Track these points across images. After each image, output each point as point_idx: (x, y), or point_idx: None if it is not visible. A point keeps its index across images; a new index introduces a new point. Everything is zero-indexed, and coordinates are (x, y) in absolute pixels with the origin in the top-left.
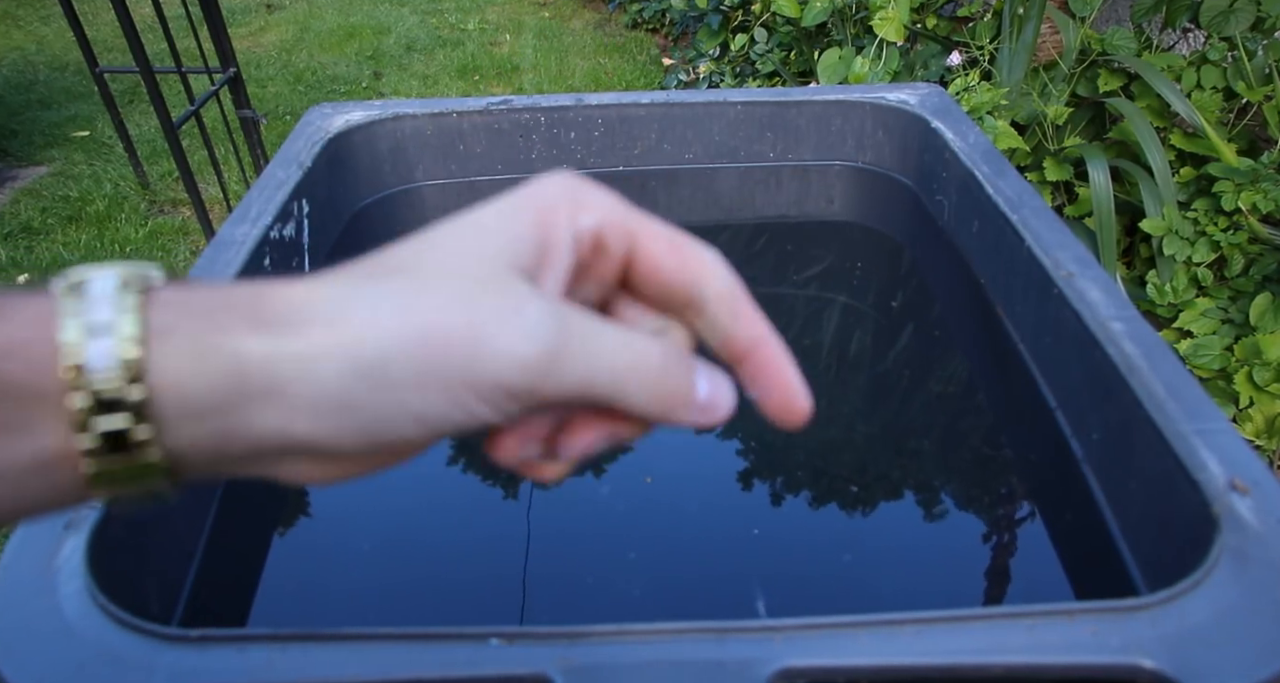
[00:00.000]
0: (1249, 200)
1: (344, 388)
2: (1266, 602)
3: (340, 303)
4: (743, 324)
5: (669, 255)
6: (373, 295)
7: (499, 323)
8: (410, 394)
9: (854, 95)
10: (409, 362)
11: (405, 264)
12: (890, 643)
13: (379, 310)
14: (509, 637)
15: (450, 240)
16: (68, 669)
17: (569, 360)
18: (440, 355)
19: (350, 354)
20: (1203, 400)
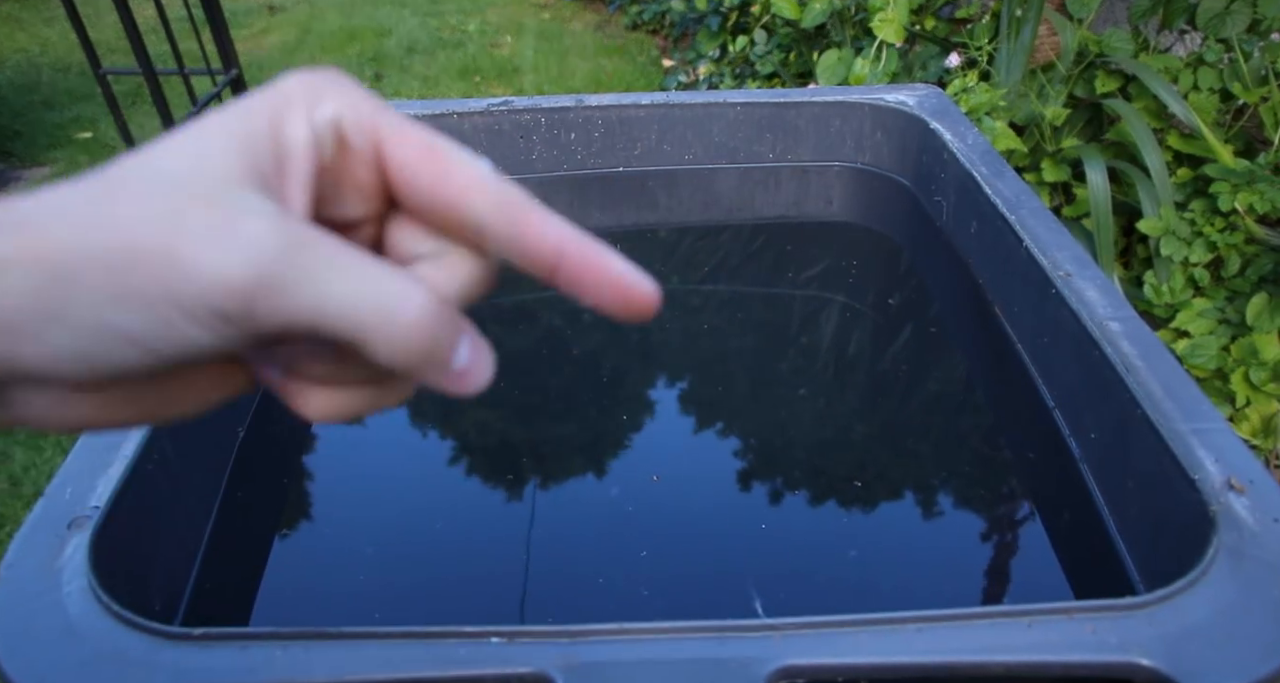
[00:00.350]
0: (1245, 201)
1: (39, 297)
2: (1263, 600)
3: (26, 210)
4: (533, 234)
5: (424, 163)
6: (72, 202)
7: (205, 241)
8: (110, 308)
9: (853, 96)
10: (102, 273)
11: (122, 173)
12: (890, 642)
13: (71, 217)
14: (509, 635)
15: (175, 146)
16: (71, 667)
17: (290, 285)
18: (134, 271)
19: (38, 259)
20: (1199, 400)
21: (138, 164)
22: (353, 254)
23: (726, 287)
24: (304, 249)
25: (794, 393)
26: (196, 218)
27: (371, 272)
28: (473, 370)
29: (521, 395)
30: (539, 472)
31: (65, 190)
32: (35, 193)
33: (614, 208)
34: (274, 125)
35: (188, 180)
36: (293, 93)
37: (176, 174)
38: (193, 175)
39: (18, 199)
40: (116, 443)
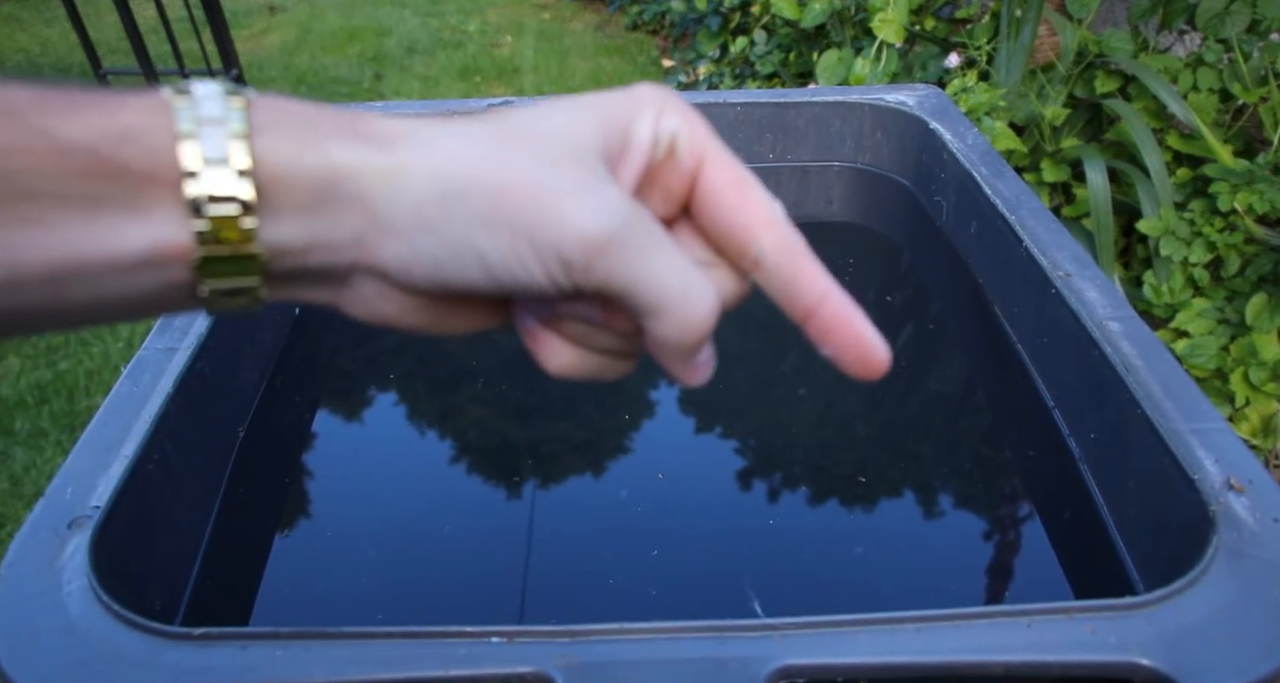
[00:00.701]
0: (1245, 201)
1: (423, 208)
2: (1262, 600)
3: (433, 134)
4: (803, 282)
5: (730, 190)
6: (466, 135)
7: (575, 194)
8: (480, 230)
9: (853, 96)
10: (485, 198)
11: (502, 124)
12: (889, 641)
13: (470, 147)
14: (509, 635)
15: (548, 113)
16: (71, 667)
17: (627, 252)
18: (514, 203)
19: (435, 176)
20: (1199, 400)
21: (528, 118)
22: (671, 241)
23: None
24: (643, 223)
25: (794, 393)
26: (568, 173)
27: (685, 260)
28: (707, 366)
29: (522, 395)
30: (539, 471)
31: (470, 125)
32: (445, 121)
33: None
34: (627, 120)
35: (563, 141)
36: (647, 99)
37: (553, 136)
38: (568, 137)
39: (426, 123)
40: (117, 443)
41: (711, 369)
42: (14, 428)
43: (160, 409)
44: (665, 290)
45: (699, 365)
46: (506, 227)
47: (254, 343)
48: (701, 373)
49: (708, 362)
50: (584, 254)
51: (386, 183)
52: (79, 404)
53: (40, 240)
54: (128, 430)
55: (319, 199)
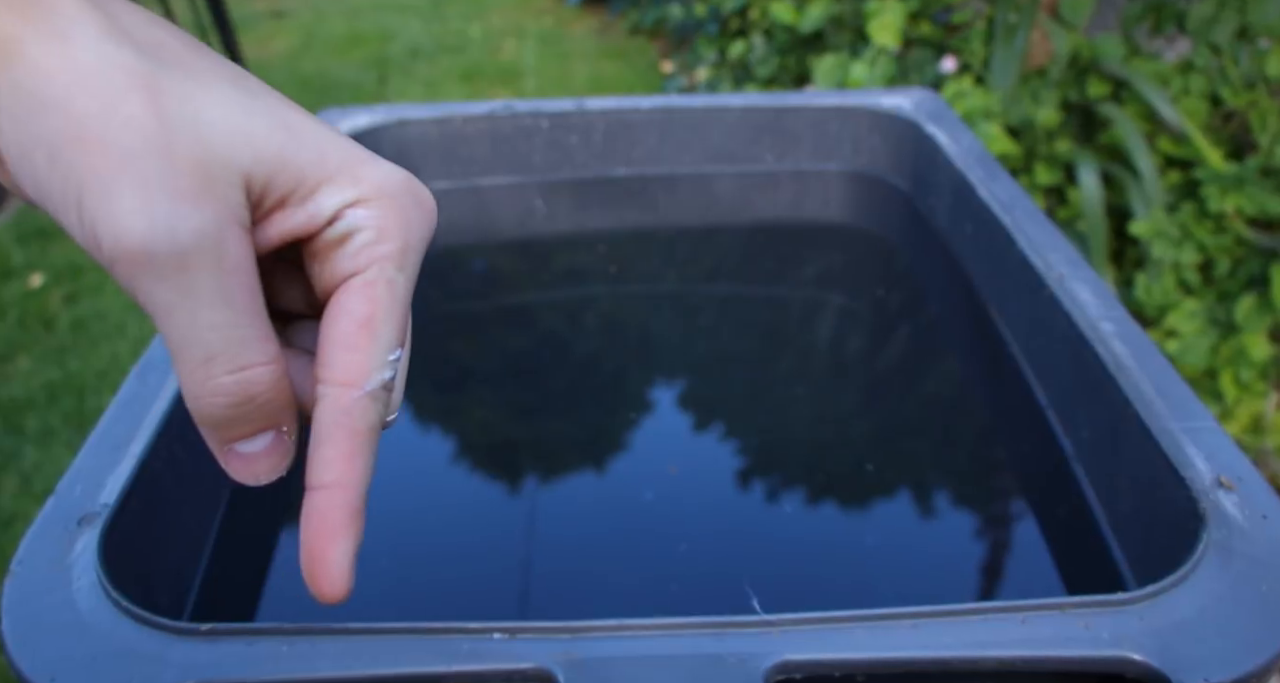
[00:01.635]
0: (1234, 203)
1: (8, 93)
2: (1251, 596)
3: (93, 28)
4: (327, 454)
5: (350, 322)
6: (118, 55)
7: (147, 189)
8: (41, 154)
9: (850, 100)
10: (60, 128)
11: (171, 69)
12: (886, 637)
13: (102, 66)
14: (511, 631)
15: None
16: (80, 662)
17: (162, 279)
18: (81, 154)
19: (37, 71)
20: (1190, 399)
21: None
22: (240, 293)
23: (725, 288)
24: (209, 263)
25: (791, 393)
26: (165, 164)
27: (238, 320)
28: (255, 460)
29: (523, 395)
30: (541, 470)
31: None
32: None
33: (614, 210)
34: (321, 179)
35: (213, 133)
36: (367, 182)
37: (215, 120)
38: (223, 134)
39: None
40: (125, 442)
41: (262, 470)
42: (24, 427)
43: (168, 409)
44: (187, 343)
45: (237, 454)
46: (63, 170)
47: None
48: (243, 464)
49: (256, 456)
50: (112, 251)
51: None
52: (88, 404)
53: None
54: (136, 429)
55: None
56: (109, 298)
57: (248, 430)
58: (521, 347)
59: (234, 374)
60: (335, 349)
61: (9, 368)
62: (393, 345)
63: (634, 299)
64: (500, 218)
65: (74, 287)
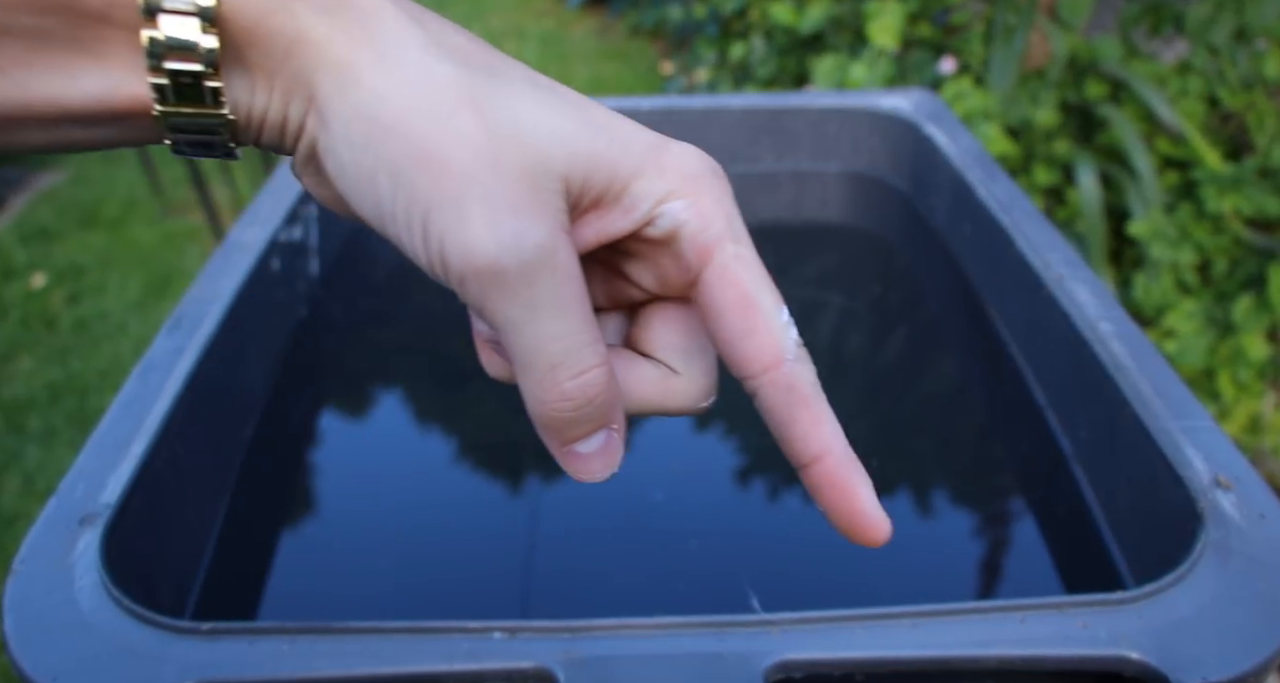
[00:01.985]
0: (1232, 204)
1: (351, 121)
2: (1248, 595)
3: (417, 47)
4: (799, 431)
5: (733, 313)
6: (445, 72)
7: (493, 205)
8: (384, 178)
9: (849, 101)
10: (404, 151)
11: (489, 82)
12: (886, 636)
13: (434, 87)
14: (511, 631)
15: (550, 108)
16: (82, 660)
17: (511, 293)
18: (427, 175)
19: (376, 96)
20: (1188, 399)
21: (521, 96)
22: (574, 301)
23: None
24: (553, 274)
25: None
26: (503, 181)
27: (583, 337)
28: (592, 459)
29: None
30: (542, 469)
31: (461, 63)
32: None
33: None
34: (631, 174)
35: (535, 145)
36: (672, 170)
37: (533, 133)
38: (542, 145)
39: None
40: (127, 442)
41: (600, 467)
42: (26, 427)
43: (169, 409)
44: (533, 354)
45: (577, 454)
46: (407, 191)
47: (261, 343)
48: (581, 463)
49: (592, 455)
50: (462, 269)
51: (334, 76)
52: (90, 403)
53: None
54: (137, 429)
55: (279, 66)
56: (111, 298)
57: (586, 431)
58: None
59: (575, 379)
60: (738, 342)
61: (11, 368)
62: (779, 308)
63: None
64: None
65: (76, 287)
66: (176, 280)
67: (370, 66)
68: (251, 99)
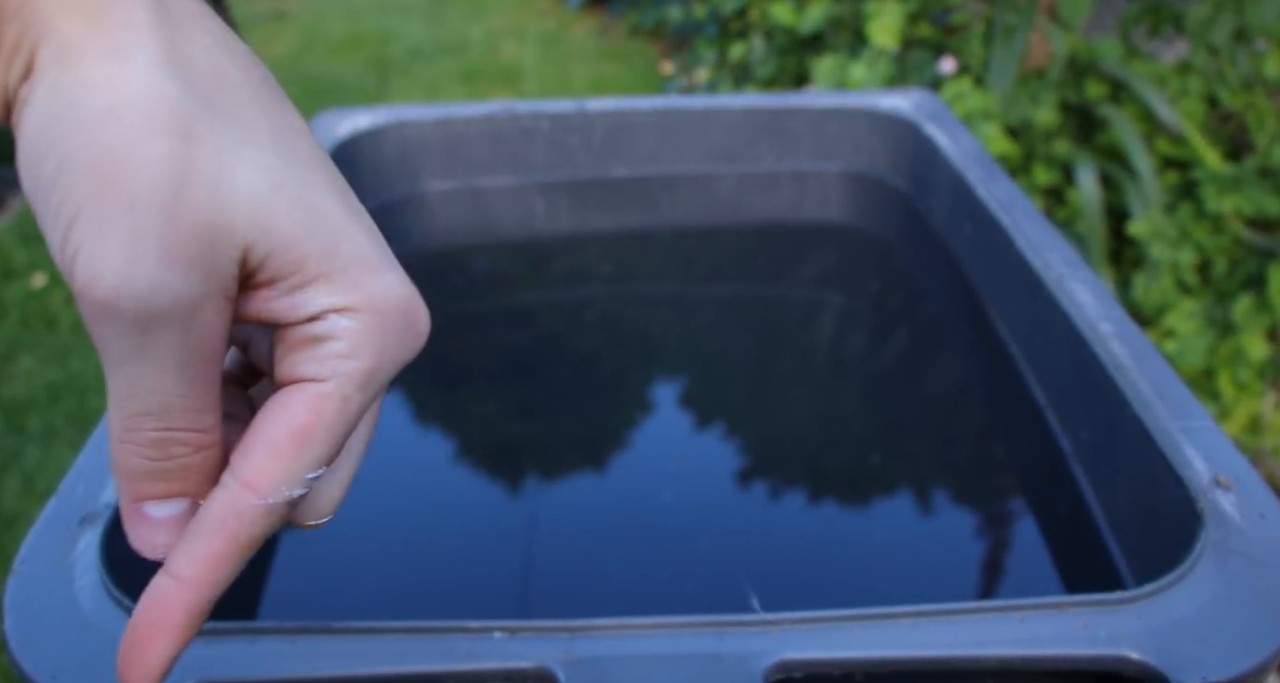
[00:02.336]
0: (1232, 204)
1: (56, 96)
2: (1248, 595)
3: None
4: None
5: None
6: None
7: (130, 236)
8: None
9: (849, 101)
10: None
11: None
12: (886, 636)
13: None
14: (511, 630)
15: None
16: (83, 660)
17: (116, 329)
18: (85, 182)
19: (85, 84)
20: (1188, 399)
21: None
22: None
23: (725, 288)
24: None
25: (791, 393)
26: (169, 231)
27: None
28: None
29: (524, 395)
30: (541, 469)
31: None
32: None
33: (615, 211)
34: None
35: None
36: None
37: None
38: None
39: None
40: None
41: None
42: (27, 426)
43: None
44: (123, 396)
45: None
46: (67, 187)
47: None
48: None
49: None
50: (79, 290)
51: (55, 51)
52: (90, 403)
53: None
54: None
55: (5, 26)
56: None
57: (159, 491)
58: (522, 346)
59: (162, 432)
60: (257, 447)
61: (11, 368)
62: (318, 463)
63: (634, 299)
64: (501, 218)
65: None
66: None
67: (93, 55)
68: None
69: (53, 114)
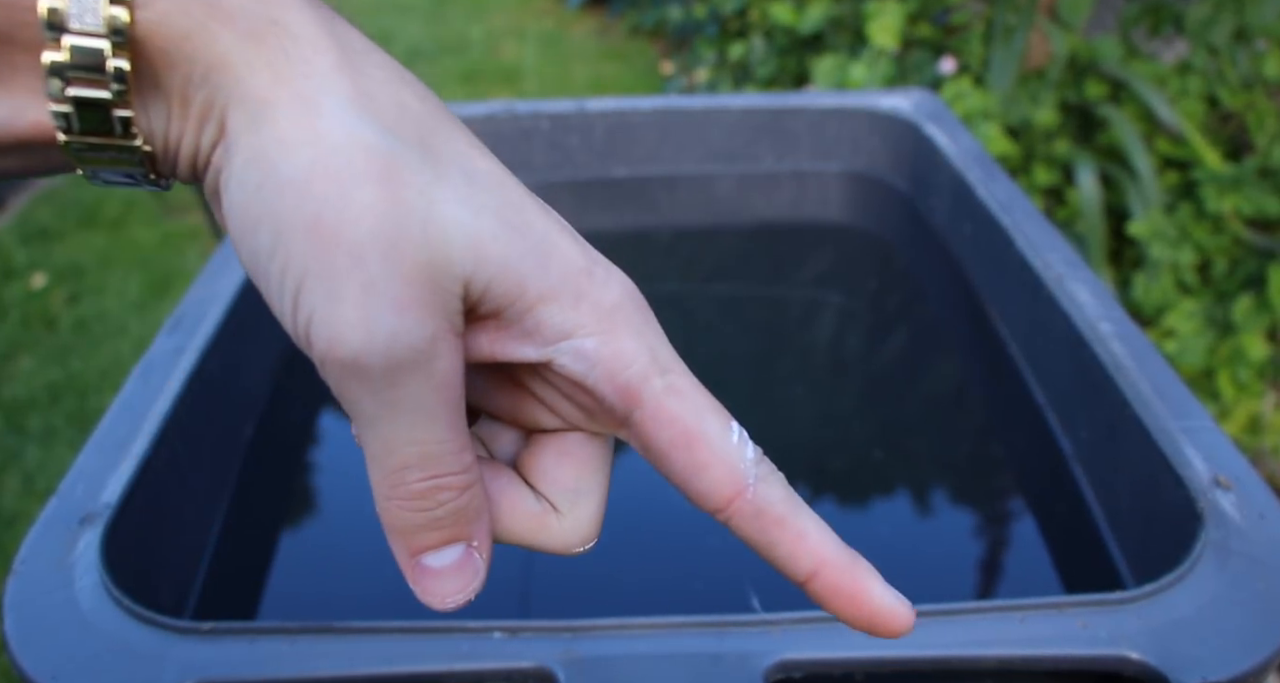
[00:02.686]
0: (1232, 204)
1: (249, 162)
2: (1248, 595)
3: (337, 95)
4: (786, 550)
5: (680, 451)
6: (362, 126)
7: (366, 293)
8: (266, 232)
9: (849, 101)
10: (291, 209)
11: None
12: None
13: (344, 143)
14: (511, 630)
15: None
16: (83, 660)
17: (365, 388)
18: (308, 243)
19: (279, 143)
20: (1188, 399)
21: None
22: (443, 409)
23: (725, 288)
24: (412, 378)
25: (792, 393)
26: (387, 267)
27: (439, 436)
28: (444, 577)
29: None
30: None
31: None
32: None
33: (615, 211)
34: (542, 297)
35: (439, 236)
36: (589, 301)
37: (441, 222)
38: (448, 238)
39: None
40: (127, 441)
41: (453, 589)
42: (27, 427)
43: (169, 408)
44: (385, 452)
45: (425, 569)
46: (286, 253)
47: (261, 343)
48: (432, 581)
49: (444, 572)
50: (324, 354)
51: (247, 111)
52: (90, 403)
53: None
54: (138, 429)
55: (195, 92)
56: (111, 298)
57: (435, 540)
58: None
59: (427, 482)
60: (693, 480)
61: (12, 368)
62: (727, 429)
63: None
64: None
65: (76, 287)
66: (176, 280)
67: (285, 109)
68: (167, 128)
69: (256, 182)
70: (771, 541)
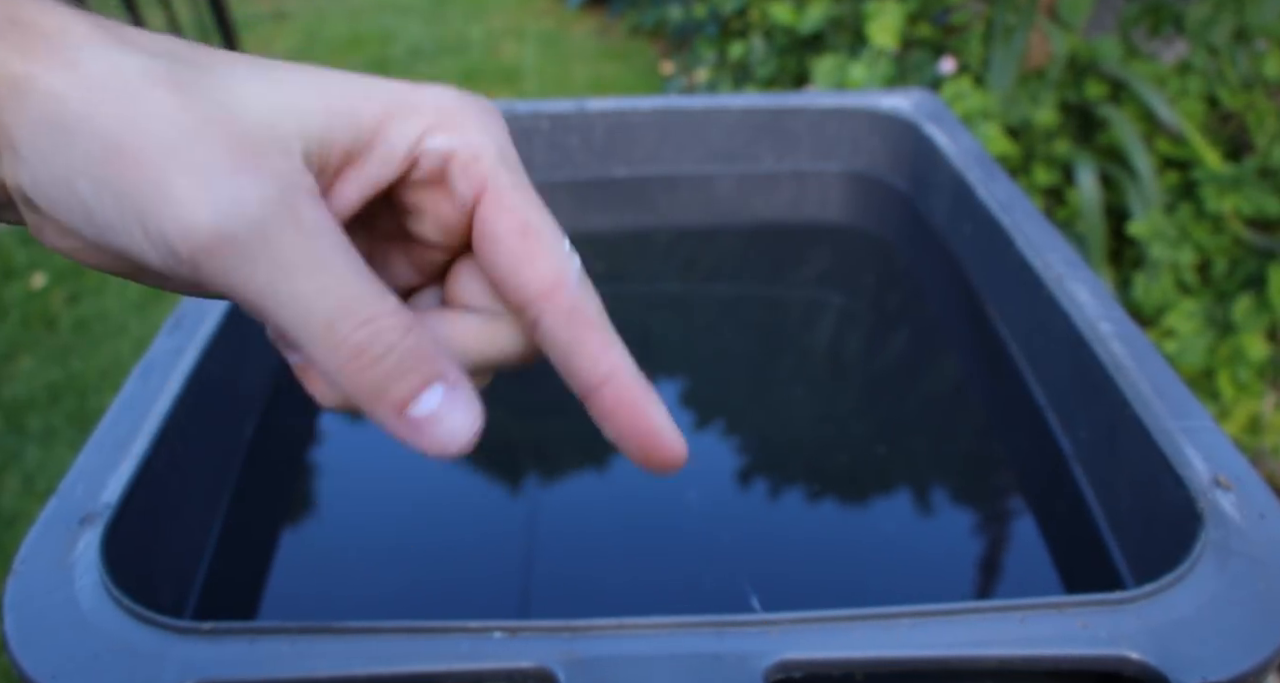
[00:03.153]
0: (1232, 204)
1: (36, 132)
2: (1248, 595)
3: (98, 47)
4: (584, 358)
5: (512, 239)
6: (132, 65)
7: (199, 174)
8: (83, 182)
9: (849, 101)
10: (93, 147)
11: (188, 68)
12: (886, 636)
13: (118, 80)
14: (511, 630)
15: (267, 81)
16: (83, 660)
17: (250, 259)
18: (121, 165)
19: (54, 98)
20: (1188, 399)
21: (231, 75)
22: (334, 253)
23: (725, 288)
24: (282, 231)
25: (791, 393)
26: (210, 149)
27: (341, 280)
28: (436, 423)
29: (522, 395)
30: (541, 470)
31: (151, 55)
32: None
33: (614, 211)
34: (379, 120)
35: (250, 112)
36: (422, 105)
37: (246, 101)
38: (261, 112)
39: (110, 29)
40: (127, 441)
41: (453, 431)
42: (27, 426)
43: (169, 408)
44: (302, 319)
45: (415, 422)
46: (109, 188)
47: (261, 343)
48: (427, 433)
49: (436, 418)
50: (187, 248)
51: (10, 89)
52: (90, 403)
53: None
54: (138, 429)
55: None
56: (111, 298)
57: (407, 388)
58: None
59: (362, 328)
60: (518, 269)
61: (12, 368)
62: (561, 237)
63: (634, 299)
64: None
65: (76, 287)
66: None
67: (44, 73)
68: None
69: (47, 147)
70: (578, 340)
